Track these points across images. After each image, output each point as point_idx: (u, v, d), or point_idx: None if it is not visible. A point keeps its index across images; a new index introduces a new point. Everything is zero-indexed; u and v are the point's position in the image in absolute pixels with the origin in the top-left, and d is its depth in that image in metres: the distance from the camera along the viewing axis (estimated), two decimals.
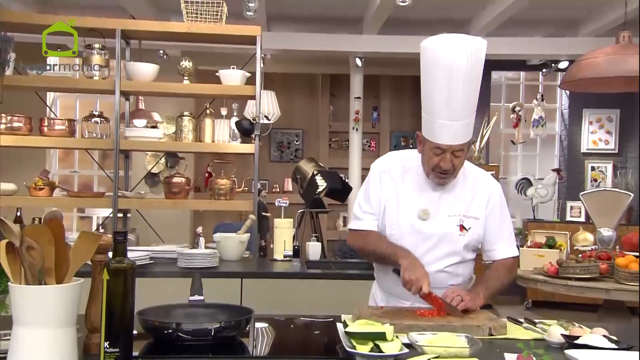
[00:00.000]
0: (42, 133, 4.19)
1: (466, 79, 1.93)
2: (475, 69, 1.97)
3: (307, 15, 6.67)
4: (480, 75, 2.00)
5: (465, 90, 1.94)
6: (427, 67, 1.98)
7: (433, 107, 1.99)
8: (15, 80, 4.07)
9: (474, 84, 1.98)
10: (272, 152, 8.69)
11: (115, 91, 4.14)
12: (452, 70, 1.91)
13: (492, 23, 6.40)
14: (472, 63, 1.93)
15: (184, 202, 4.32)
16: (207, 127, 4.40)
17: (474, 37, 2.00)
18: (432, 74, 1.96)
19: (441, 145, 2.00)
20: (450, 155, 2.01)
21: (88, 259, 1.36)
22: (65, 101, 8.07)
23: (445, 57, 1.91)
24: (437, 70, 1.94)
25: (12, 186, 4.23)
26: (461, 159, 2.06)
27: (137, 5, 6.09)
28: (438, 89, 1.95)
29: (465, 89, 1.94)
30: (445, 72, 1.91)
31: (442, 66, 1.92)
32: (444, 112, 1.96)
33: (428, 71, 1.97)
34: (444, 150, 2.01)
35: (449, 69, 1.91)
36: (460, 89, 1.93)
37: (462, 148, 2.03)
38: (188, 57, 4.50)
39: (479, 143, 7.75)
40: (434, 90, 1.96)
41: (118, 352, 1.31)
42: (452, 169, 2.05)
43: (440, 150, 2.01)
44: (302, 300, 3.00)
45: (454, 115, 1.95)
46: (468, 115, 1.99)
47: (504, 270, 2.20)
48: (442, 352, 1.49)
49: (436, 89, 1.95)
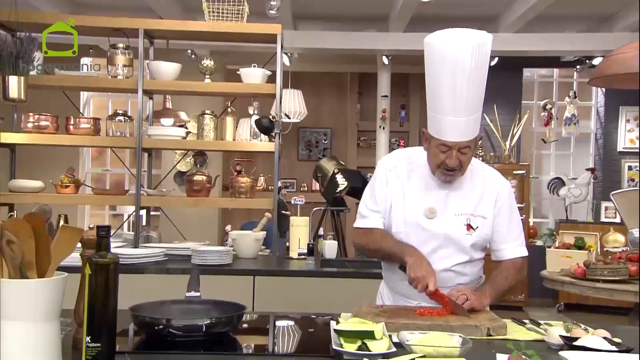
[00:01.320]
0: (68, 131, 4.28)
1: (472, 74, 1.90)
2: (481, 64, 1.93)
3: (334, 13, 6.65)
4: (486, 71, 1.96)
5: (471, 85, 1.90)
6: (431, 63, 1.94)
7: (438, 104, 1.95)
8: (41, 79, 4.16)
9: (480, 80, 1.94)
10: (300, 151, 8.70)
11: (138, 90, 4.19)
12: (457, 65, 1.87)
13: (521, 19, 6.27)
14: (477, 58, 1.89)
15: (205, 200, 4.35)
16: (229, 125, 4.43)
17: (478, 31, 1.94)
18: (437, 69, 1.92)
19: (447, 142, 1.97)
20: (456, 153, 1.98)
21: (70, 253, 1.38)
22: (99, 101, 8.24)
23: (450, 52, 1.88)
24: (442, 65, 1.90)
25: (39, 183, 4.33)
26: (468, 156, 2.02)
27: (164, 6, 6.16)
28: (443, 85, 1.91)
29: (471, 84, 1.90)
30: (450, 68, 1.88)
31: (447, 61, 1.89)
32: (450, 109, 1.92)
33: (433, 67, 1.94)
34: (450, 147, 1.97)
35: (454, 64, 1.87)
36: (466, 85, 1.89)
37: (468, 145, 1.99)
38: (210, 56, 4.54)
39: (509, 142, 7.61)
40: (439, 86, 1.93)
41: (100, 347, 1.31)
42: (459, 167, 2.01)
43: (446, 147, 1.98)
44: (313, 298, 2.98)
45: (459, 112, 1.92)
46: (474, 112, 1.95)
47: (512, 270, 2.15)
48: (431, 351, 1.46)
49: (441, 84, 1.92)
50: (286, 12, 6.12)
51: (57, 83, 4.30)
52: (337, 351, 1.47)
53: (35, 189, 4.30)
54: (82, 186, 4.48)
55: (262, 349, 1.71)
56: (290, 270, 3.20)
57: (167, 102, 6.42)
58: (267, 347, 1.73)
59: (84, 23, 4.48)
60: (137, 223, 4.23)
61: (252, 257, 3.48)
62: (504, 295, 2.18)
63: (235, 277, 3.08)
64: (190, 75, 4.62)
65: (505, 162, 7.53)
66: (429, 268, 1.97)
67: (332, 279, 3.08)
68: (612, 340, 1.57)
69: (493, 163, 7.52)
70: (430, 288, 1.91)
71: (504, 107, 7.85)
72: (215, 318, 1.63)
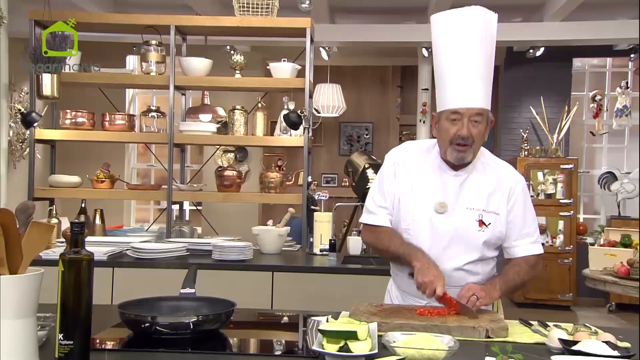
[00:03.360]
0: (104, 128, 4.37)
1: (482, 41, 1.94)
2: (491, 35, 1.98)
3: (372, 6, 6.56)
4: (493, 45, 1.99)
5: (481, 51, 1.94)
6: (439, 33, 2.00)
7: (447, 73, 1.97)
8: (76, 77, 4.26)
9: (488, 49, 1.97)
10: (341, 146, 8.65)
11: (169, 86, 4.23)
12: (467, 28, 1.93)
13: (567, 7, 6.00)
14: (487, 28, 1.96)
15: (234, 195, 4.36)
16: (259, 120, 4.42)
17: (487, 10, 1.98)
18: (445, 37, 1.97)
19: (459, 109, 1.94)
20: (467, 121, 1.93)
21: (42, 250, 1.38)
22: (144, 97, 8.41)
23: (460, 18, 1.95)
24: (449, 32, 1.96)
25: (76, 179, 4.45)
26: (479, 130, 1.95)
27: (203, 3, 6.21)
28: (452, 48, 1.95)
29: (482, 50, 1.94)
30: (459, 30, 1.94)
31: (455, 27, 1.95)
32: (461, 72, 1.94)
33: (441, 38, 1.99)
34: (462, 116, 1.94)
35: (463, 28, 1.93)
36: (475, 49, 1.93)
37: (480, 113, 1.94)
38: (249, 52, 4.55)
39: (556, 135, 7.34)
40: (449, 54, 1.96)
41: (72, 344, 1.30)
42: (472, 141, 1.94)
43: (458, 115, 1.94)
44: (331, 295, 2.93)
45: (472, 73, 1.94)
46: (483, 77, 1.94)
47: (525, 266, 2.05)
48: (414, 353, 1.39)
49: (450, 47, 1.96)
50: (322, 6, 6.07)
51: (91, 80, 4.38)
52: (316, 352, 1.43)
53: (73, 184, 4.41)
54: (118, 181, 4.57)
55: (247, 347, 1.68)
56: (308, 266, 3.16)
57: (206, 97, 6.48)
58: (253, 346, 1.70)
59: (117, 21, 4.57)
60: (168, 217, 4.28)
61: (275, 253, 3.46)
62: (515, 291, 2.10)
63: (254, 272, 3.07)
64: (229, 70, 4.63)
65: (552, 156, 7.27)
66: (436, 272, 1.91)
67: (352, 276, 3.02)
68: (615, 344, 1.47)
69: (539, 157, 7.28)
70: (439, 292, 1.85)
71: (551, 99, 7.58)
72: (202, 315, 1.60)
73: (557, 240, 7.17)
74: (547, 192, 7.18)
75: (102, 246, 3.30)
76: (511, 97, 7.85)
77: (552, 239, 7.19)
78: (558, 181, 7.13)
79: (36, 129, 4.26)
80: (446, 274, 1.99)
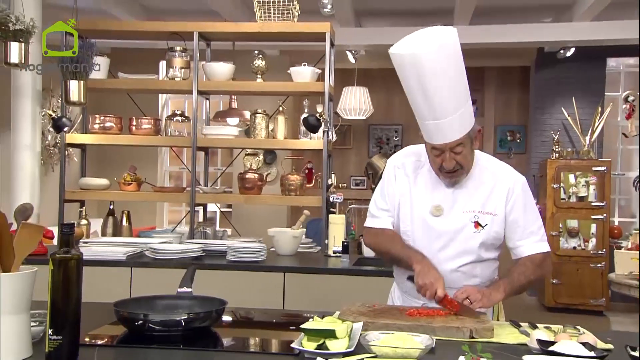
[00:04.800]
0: (131, 132, 4.51)
1: (439, 75, 1.82)
2: (449, 62, 1.84)
3: (398, 9, 6.56)
4: (459, 67, 1.87)
5: (441, 87, 1.83)
6: (399, 72, 1.90)
7: (417, 110, 1.92)
8: (104, 83, 4.42)
9: (452, 79, 1.86)
10: (370, 148, 8.67)
11: (193, 91, 4.35)
12: (419, 71, 1.82)
13: (597, 5, 5.89)
14: (440, 58, 1.82)
15: (255, 197, 4.45)
16: (280, 124, 4.50)
17: (440, 29, 1.86)
18: (404, 77, 1.89)
19: (436, 146, 1.94)
20: (449, 154, 1.94)
21: (33, 249, 1.44)
22: (177, 102, 8.59)
23: (409, 61, 1.83)
24: (406, 73, 1.87)
25: (104, 181, 4.60)
26: (464, 155, 1.96)
27: (232, 10, 6.32)
28: (414, 92, 1.88)
29: (441, 86, 1.83)
30: (413, 73, 1.84)
31: (409, 69, 1.84)
32: (427, 113, 1.89)
33: (401, 76, 1.90)
34: (442, 150, 1.94)
35: (416, 70, 1.82)
36: (434, 87, 1.83)
37: (460, 143, 1.92)
38: (263, 56, 4.63)
39: (589, 137, 7.20)
40: (411, 93, 1.90)
41: (61, 339, 1.38)
42: (459, 167, 1.97)
43: (438, 150, 1.95)
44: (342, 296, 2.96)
45: (436, 114, 1.87)
46: (452, 112, 1.87)
47: (530, 265, 2.06)
48: (389, 352, 1.43)
49: (412, 91, 1.89)
50: (347, 10, 6.11)
51: (118, 86, 4.54)
52: (294, 349, 1.48)
53: (102, 186, 4.57)
54: None
55: (236, 345, 1.73)
56: (319, 267, 3.21)
57: (233, 102, 6.60)
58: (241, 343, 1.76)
59: (144, 28, 4.73)
60: (191, 219, 4.39)
61: (290, 254, 3.52)
62: (522, 291, 2.09)
63: (266, 273, 3.13)
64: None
65: (584, 158, 7.13)
66: (436, 274, 1.93)
67: (362, 277, 3.06)
68: (593, 346, 1.47)
69: (570, 159, 7.16)
70: (439, 294, 1.88)
71: (584, 100, 7.44)
72: (193, 313, 1.67)
73: (590, 243, 7.03)
74: (579, 194, 7.06)
75: (123, 246, 3.42)
76: (542, 99, 7.74)
77: (585, 243, 7.06)
78: (590, 183, 7.00)
79: (67, 134, 4.43)
80: (443, 275, 2.02)
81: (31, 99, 4.79)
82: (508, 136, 8.59)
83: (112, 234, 4.41)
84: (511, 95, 8.63)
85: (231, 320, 2.00)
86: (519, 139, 8.53)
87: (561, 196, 7.09)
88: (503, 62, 8.25)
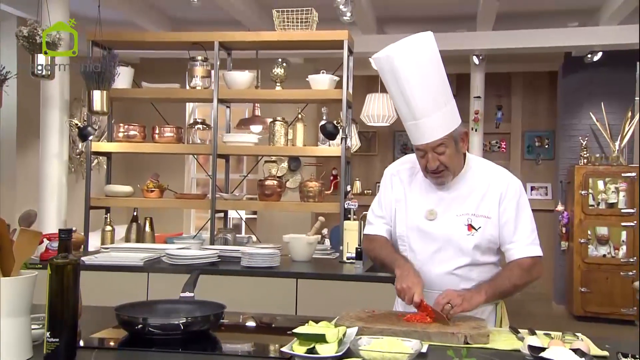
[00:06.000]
0: (154, 140, 4.61)
1: (414, 76, 1.93)
2: (424, 64, 1.95)
3: (419, 15, 6.56)
4: (435, 69, 1.98)
5: (417, 87, 1.94)
6: (381, 76, 2.03)
7: (399, 111, 2.03)
8: (127, 92, 4.53)
9: (428, 80, 1.96)
10: (395, 155, 8.65)
11: (213, 99, 4.42)
12: (395, 72, 1.94)
13: (624, 9, 5.80)
14: (416, 59, 1.93)
15: (274, 204, 4.49)
16: (299, 131, 4.54)
17: (418, 34, 1.98)
18: (385, 81, 2.01)
19: (418, 146, 2.01)
20: (432, 154, 1.99)
21: (31, 255, 1.50)
22: (203, 110, 8.73)
23: (385, 62, 1.96)
24: (385, 76, 1.99)
25: (128, 188, 4.71)
26: (448, 156, 2.00)
27: (255, 20, 6.41)
28: (394, 94, 1.99)
29: (417, 85, 1.94)
30: (391, 76, 1.96)
31: (387, 71, 1.97)
32: (407, 114, 1.99)
33: (383, 79, 2.03)
34: (425, 151, 2.00)
35: (392, 71, 1.94)
36: (410, 88, 1.94)
37: (442, 143, 1.98)
38: (280, 64, 4.69)
39: (618, 142, 7.07)
40: (393, 96, 2.02)
41: (58, 342, 1.43)
42: (444, 167, 2.01)
43: (422, 151, 2.01)
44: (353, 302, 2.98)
45: (415, 115, 1.97)
46: (431, 112, 1.96)
47: (517, 270, 2.06)
48: (376, 356, 1.45)
49: (393, 94, 2.00)
50: (368, 17, 6.14)
51: (141, 95, 4.65)
52: (283, 352, 1.51)
53: (126, 193, 4.67)
54: None
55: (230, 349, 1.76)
56: (331, 273, 3.23)
57: (257, 110, 6.70)
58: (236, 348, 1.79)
59: (166, 39, 4.84)
60: (211, 226, 4.46)
61: (305, 260, 3.55)
62: (506, 295, 2.09)
63: (279, 279, 3.17)
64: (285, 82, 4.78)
65: (613, 164, 6.99)
66: (415, 279, 1.95)
67: (373, 284, 3.06)
68: (585, 352, 1.46)
69: (599, 165, 7.03)
70: (415, 299, 1.89)
71: (612, 105, 7.30)
72: (191, 317, 1.71)
73: (620, 251, 6.89)
74: (608, 201, 6.92)
75: (141, 252, 3.50)
76: (570, 104, 7.62)
77: (615, 250, 6.92)
78: (620, 190, 6.86)
79: (92, 142, 4.55)
80: (438, 278, 2.05)
81: (59, 109, 4.93)
82: (536, 142, 8.47)
83: (136, 240, 4.50)
84: (538, 100, 8.52)
85: (232, 325, 2.03)
86: (547, 145, 8.41)
87: (590, 203, 6.96)
88: (530, 67, 8.16)
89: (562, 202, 7.37)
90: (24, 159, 6.42)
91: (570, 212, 7.17)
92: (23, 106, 6.27)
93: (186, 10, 6.43)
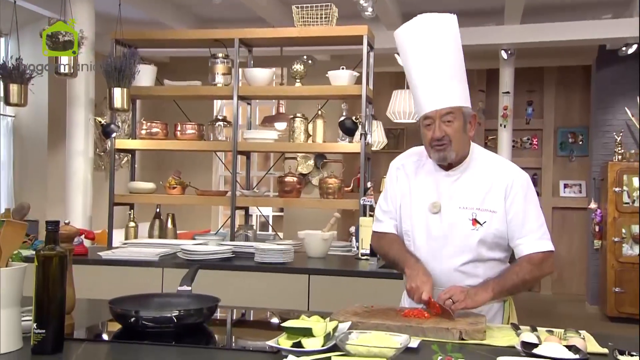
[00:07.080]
0: (176, 137, 4.65)
1: (436, 45, 1.99)
2: (447, 36, 2.02)
3: (445, 9, 6.43)
4: (455, 47, 2.02)
5: (437, 55, 1.98)
6: (400, 52, 2.07)
7: (414, 81, 2.03)
8: (149, 90, 4.58)
9: (447, 53, 2.00)
10: None
11: (233, 96, 4.44)
12: (425, 38, 2.00)
13: None
14: (440, 29, 2.02)
15: (294, 200, 4.49)
16: (319, 127, 4.52)
17: (441, 14, 2.07)
18: (406, 51, 2.03)
19: (428, 114, 1.98)
20: (439, 123, 1.97)
21: (18, 247, 1.50)
22: (230, 108, 8.77)
23: (410, 28, 2.03)
24: (406, 46, 2.04)
25: (150, 185, 4.76)
26: (454, 129, 1.97)
27: (279, 17, 6.41)
28: (411, 63, 2.02)
29: (437, 54, 1.98)
30: (410, 46, 2.01)
31: (409, 39, 2.03)
32: (422, 80, 1.99)
33: (403, 51, 2.05)
34: (433, 119, 1.98)
35: (423, 38, 2.00)
36: (437, 52, 1.98)
37: (450, 112, 1.97)
38: (301, 61, 4.68)
39: None
40: (412, 63, 2.02)
41: (44, 333, 1.44)
42: (448, 141, 1.97)
43: (430, 120, 1.99)
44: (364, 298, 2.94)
45: (433, 77, 1.97)
46: (451, 76, 1.97)
47: (527, 265, 1.99)
48: (362, 350, 1.41)
49: (410, 64, 2.02)
50: (392, 13, 6.08)
51: (163, 93, 4.69)
52: (272, 347, 1.49)
53: (148, 189, 4.73)
54: None
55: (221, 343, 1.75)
56: (343, 270, 3.20)
57: (281, 107, 6.72)
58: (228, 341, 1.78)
59: (188, 37, 4.87)
60: (232, 222, 4.47)
61: (320, 257, 3.53)
62: (515, 292, 2.03)
63: (291, 275, 3.15)
64: (310, 79, 4.78)
65: (634, 160, 6.77)
66: (425, 278, 1.92)
67: (386, 280, 3.02)
68: (579, 349, 1.40)
69: (633, 161, 6.81)
70: (424, 297, 1.85)
71: None
72: (184, 310, 1.70)
73: None
74: None
75: (158, 247, 3.53)
76: (604, 98, 7.40)
77: None
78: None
79: (116, 139, 4.61)
80: (444, 275, 2.00)
81: (84, 108, 5.02)
82: (569, 138, 8.26)
83: (158, 236, 4.55)
84: (572, 95, 8.31)
85: (229, 319, 2.02)
86: (582, 141, 8.19)
87: (624, 200, 6.75)
88: (563, 61, 7.96)
89: (595, 200, 7.17)
90: (54, 156, 6.56)
91: (603, 210, 6.97)
92: (53, 106, 6.41)
93: (211, 9, 6.47)
